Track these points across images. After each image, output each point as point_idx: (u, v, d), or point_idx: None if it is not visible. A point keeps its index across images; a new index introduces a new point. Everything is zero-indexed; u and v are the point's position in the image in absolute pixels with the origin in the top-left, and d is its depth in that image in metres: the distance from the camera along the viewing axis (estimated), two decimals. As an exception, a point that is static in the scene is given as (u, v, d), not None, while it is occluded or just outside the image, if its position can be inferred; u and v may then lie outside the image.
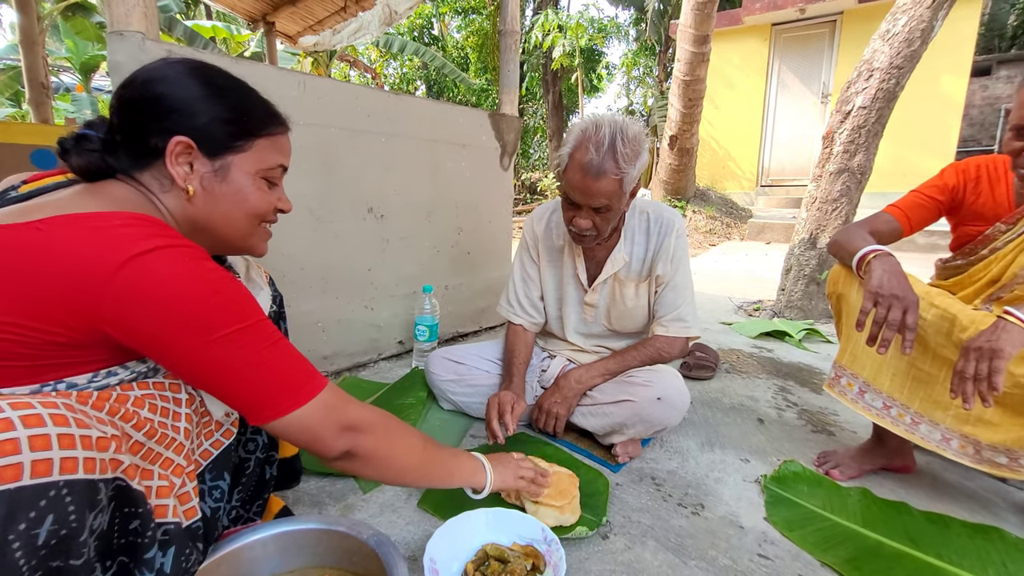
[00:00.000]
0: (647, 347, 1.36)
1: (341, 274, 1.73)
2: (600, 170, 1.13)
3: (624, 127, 1.15)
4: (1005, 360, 0.92)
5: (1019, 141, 1.04)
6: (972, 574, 0.97)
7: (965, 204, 1.26)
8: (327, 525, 0.80)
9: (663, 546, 1.03)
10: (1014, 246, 1.16)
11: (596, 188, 1.15)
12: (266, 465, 0.91)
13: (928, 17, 2.39)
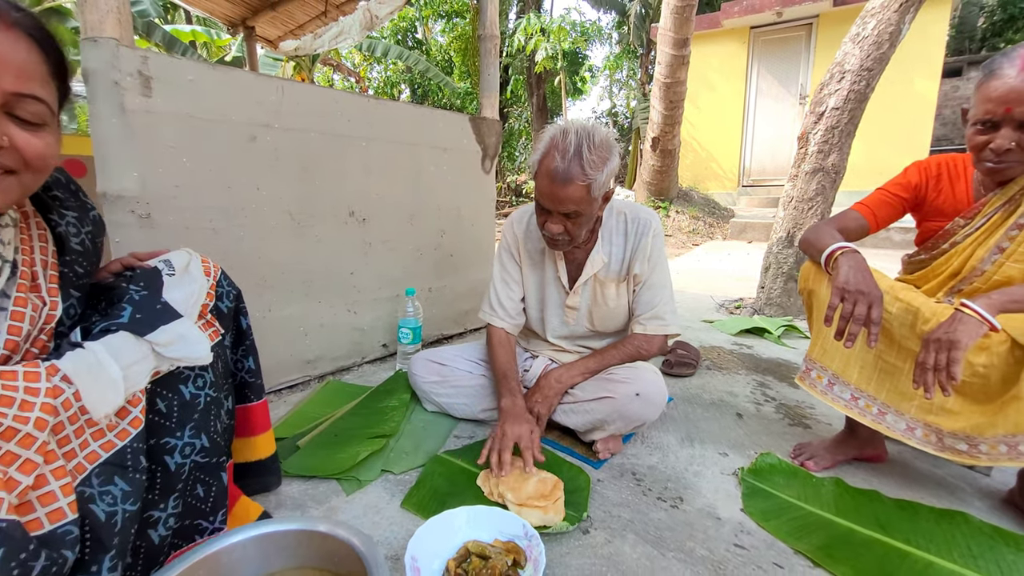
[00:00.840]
0: (626, 345, 1.38)
1: (323, 278, 1.74)
2: (567, 177, 1.15)
3: (591, 134, 1.17)
4: (962, 351, 0.96)
5: (982, 136, 1.08)
6: (938, 557, 1.00)
7: (927, 201, 1.30)
8: (308, 526, 0.80)
9: (642, 539, 1.05)
10: (972, 240, 1.21)
11: (564, 194, 1.17)
12: (218, 471, 0.87)
13: (896, 20, 2.46)
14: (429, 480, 1.23)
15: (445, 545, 0.96)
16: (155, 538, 0.78)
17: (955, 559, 1.00)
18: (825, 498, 1.19)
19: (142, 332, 0.73)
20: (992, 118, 1.04)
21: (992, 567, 0.98)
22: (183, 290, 0.85)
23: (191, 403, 0.82)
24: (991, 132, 1.05)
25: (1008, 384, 1.04)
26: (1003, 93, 1.00)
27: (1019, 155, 1.04)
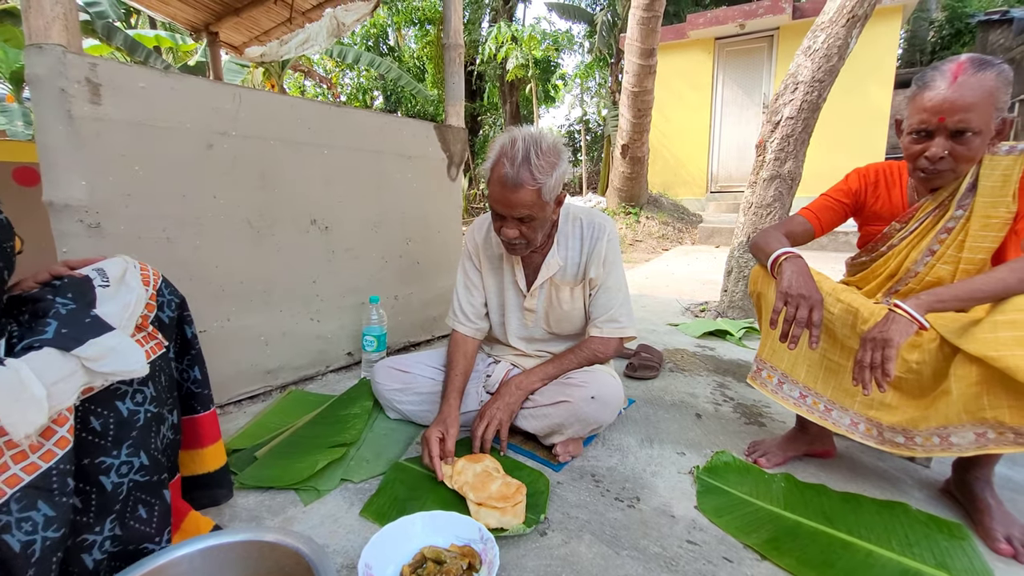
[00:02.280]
0: (583, 349, 1.41)
1: (284, 287, 1.72)
2: (517, 182, 1.19)
3: (539, 140, 1.22)
4: (894, 349, 1.02)
5: (917, 145, 1.13)
6: (877, 546, 1.05)
7: (867, 206, 1.37)
8: (255, 536, 0.80)
9: (598, 539, 1.07)
10: (907, 243, 1.27)
11: (515, 199, 1.20)
12: (160, 489, 0.85)
13: (843, 35, 2.58)
14: (389, 487, 1.22)
15: (401, 551, 0.96)
16: (89, 563, 0.76)
17: (893, 548, 1.04)
18: (775, 493, 1.24)
19: (69, 347, 0.70)
20: (927, 127, 1.09)
21: (927, 554, 1.03)
22: (118, 302, 0.82)
23: (129, 420, 0.80)
24: (926, 141, 1.11)
25: (939, 379, 1.09)
26: (936, 104, 1.05)
27: (951, 163, 1.09)
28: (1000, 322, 0.98)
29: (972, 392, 1.00)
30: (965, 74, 1.03)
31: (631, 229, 6.79)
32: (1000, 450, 0.99)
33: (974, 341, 1.00)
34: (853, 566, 1.00)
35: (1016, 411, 0.95)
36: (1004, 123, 1.07)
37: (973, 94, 1.02)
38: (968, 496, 1.15)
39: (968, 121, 1.03)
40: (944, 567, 0.99)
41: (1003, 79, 1.03)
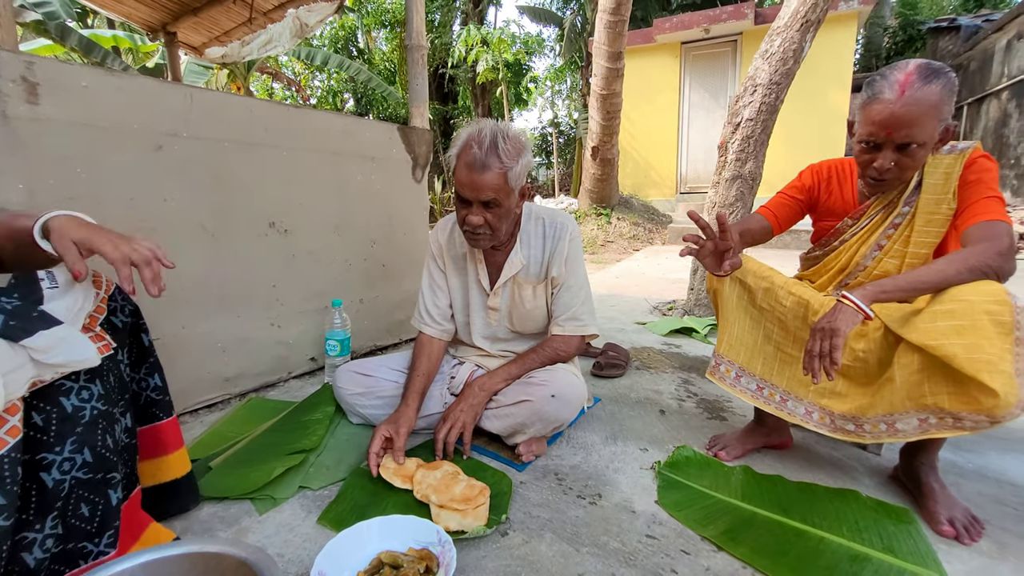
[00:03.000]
0: (545, 348, 1.41)
1: (242, 292, 1.67)
2: (485, 164, 1.20)
3: (504, 128, 1.24)
4: (841, 338, 1.05)
5: (866, 154, 1.17)
6: (829, 533, 1.08)
7: (820, 202, 1.41)
8: (199, 548, 0.77)
9: (559, 537, 1.07)
10: (857, 238, 1.32)
11: (482, 181, 1.21)
12: (105, 488, 0.83)
13: (798, 39, 2.66)
14: (350, 493, 1.20)
15: (356, 557, 0.94)
16: (30, 561, 0.74)
17: (844, 534, 1.07)
18: (734, 485, 1.26)
19: (17, 338, 0.69)
20: (875, 140, 1.13)
21: (875, 538, 1.06)
22: (65, 301, 0.81)
23: (73, 416, 0.78)
24: (874, 152, 1.15)
25: (884, 367, 1.13)
26: (884, 118, 1.09)
27: (897, 172, 1.15)
28: (939, 312, 1.02)
29: (914, 379, 1.04)
30: (912, 87, 1.06)
31: (602, 230, 6.86)
32: (941, 434, 1.03)
33: (915, 330, 1.04)
34: (805, 553, 1.02)
35: (954, 397, 0.99)
36: (947, 131, 1.12)
37: (918, 109, 1.06)
38: (914, 481, 1.19)
39: (913, 136, 1.08)
40: (891, 550, 1.02)
41: (947, 90, 1.07)
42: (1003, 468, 1.34)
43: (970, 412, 0.96)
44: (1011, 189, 7.26)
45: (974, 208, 1.13)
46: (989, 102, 8.04)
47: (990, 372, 0.92)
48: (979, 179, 1.15)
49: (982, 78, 8.29)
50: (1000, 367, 0.93)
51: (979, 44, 8.28)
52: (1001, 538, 1.06)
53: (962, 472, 1.32)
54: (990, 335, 0.94)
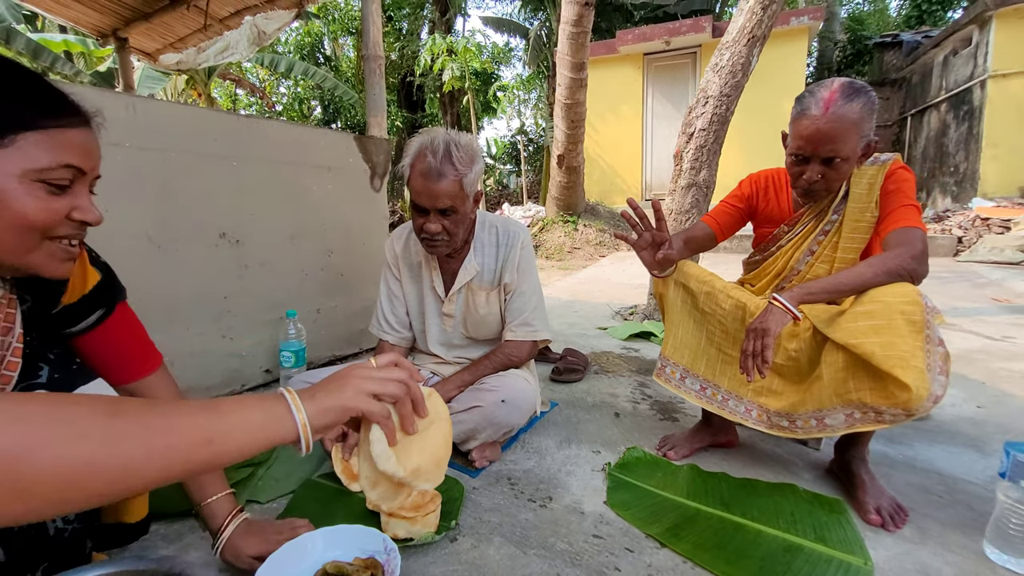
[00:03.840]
0: (497, 354, 1.43)
1: (191, 304, 1.64)
2: (440, 172, 1.23)
3: (456, 137, 1.27)
4: (771, 337, 1.11)
5: (796, 167, 1.25)
6: (766, 525, 1.12)
7: (759, 210, 1.48)
8: (114, 568, 0.75)
9: (508, 540, 1.09)
10: (792, 244, 1.39)
11: (438, 189, 1.23)
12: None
13: (746, 53, 2.78)
14: (299, 506, 1.19)
15: (300, 568, 0.93)
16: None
17: (780, 526, 1.12)
18: (680, 483, 1.30)
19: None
20: (803, 153, 1.21)
21: (808, 529, 1.11)
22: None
23: None
24: (803, 165, 1.23)
25: (813, 366, 1.20)
26: (811, 134, 1.16)
27: (824, 184, 1.23)
28: (859, 312, 1.08)
29: (840, 377, 1.11)
30: (835, 104, 1.13)
31: (569, 237, 6.95)
32: (865, 428, 1.10)
33: (839, 330, 1.10)
34: (743, 545, 1.06)
35: (875, 392, 1.05)
36: (869, 146, 1.20)
37: (841, 125, 1.13)
38: (846, 473, 1.26)
39: (837, 151, 1.16)
40: (822, 540, 1.07)
41: (868, 108, 1.15)
42: (930, 458, 1.42)
43: (889, 406, 1.02)
44: (951, 195, 7.70)
45: (893, 216, 1.21)
46: (930, 113, 8.52)
47: (903, 368, 0.99)
48: (898, 188, 1.24)
49: (923, 91, 8.78)
50: (912, 363, 0.99)
51: (919, 59, 8.78)
52: (923, 524, 1.13)
53: (893, 463, 1.40)
54: (904, 333, 1.01)
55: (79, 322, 0.85)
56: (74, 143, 0.65)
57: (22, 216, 0.61)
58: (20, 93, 0.62)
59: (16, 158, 0.60)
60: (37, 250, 0.65)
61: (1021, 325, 2.89)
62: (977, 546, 1.04)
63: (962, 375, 2.09)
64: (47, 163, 0.62)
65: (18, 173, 0.60)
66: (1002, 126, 6.70)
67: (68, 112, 0.66)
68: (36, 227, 0.63)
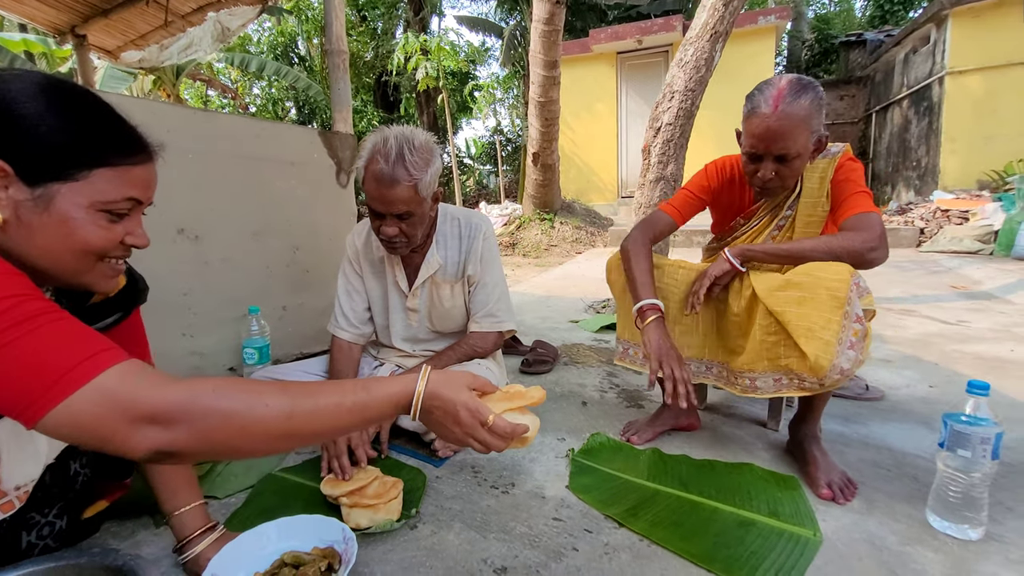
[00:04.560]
0: (462, 345, 1.44)
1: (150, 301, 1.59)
2: (393, 178, 1.20)
3: (411, 137, 1.23)
4: (708, 279, 1.25)
5: (751, 165, 1.27)
6: (722, 503, 1.15)
7: (721, 200, 1.50)
8: (53, 563, 0.73)
9: (468, 526, 1.09)
10: (747, 236, 1.43)
11: (392, 196, 1.21)
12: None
13: (709, 49, 2.83)
14: (258, 499, 1.18)
15: (255, 559, 0.92)
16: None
17: (735, 503, 1.15)
18: (642, 466, 1.32)
19: None
20: (756, 152, 1.23)
21: (763, 505, 1.14)
22: None
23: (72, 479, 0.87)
24: (757, 163, 1.24)
25: (751, 324, 1.24)
26: (762, 132, 1.18)
27: (779, 181, 1.24)
28: (791, 283, 1.14)
29: (771, 341, 1.16)
30: (783, 102, 1.14)
31: (546, 235, 6.98)
32: (791, 393, 1.16)
33: (771, 297, 1.15)
34: (699, 522, 1.09)
35: (800, 360, 1.10)
36: (820, 141, 1.23)
37: (791, 122, 1.14)
38: (800, 451, 1.29)
39: (788, 148, 1.17)
40: (775, 514, 1.10)
41: (816, 104, 1.16)
42: (883, 435, 1.47)
43: (806, 373, 1.08)
44: (914, 188, 7.95)
45: (848, 203, 1.25)
46: (893, 110, 8.79)
47: (807, 337, 1.05)
48: (847, 178, 1.28)
49: (886, 88, 9.05)
50: (819, 334, 1.05)
51: (882, 57, 9.04)
52: (872, 496, 1.17)
53: (848, 441, 1.44)
54: (823, 307, 1.06)
55: (97, 321, 0.86)
56: (139, 178, 0.70)
57: (84, 243, 0.67)
58: (98, 131, 0.67)
59: (87, 192, 0.65)
60: (91, 271, 0.70)
61: (976, 310, 3.00)
62: (920, 515, 1.08)
63: (917, 357, 2.16)
64: (113, 197, 0.67)
65: (87, 204, 0.66)
66: (960, 121, 6.95)
67: (138, 149, 0.70)
68: (94, 251, 0.68)
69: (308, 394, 0.64)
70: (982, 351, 2.22)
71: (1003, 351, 2.21)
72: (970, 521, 1.01)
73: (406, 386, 0.70)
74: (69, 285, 0.72)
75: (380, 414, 0.69)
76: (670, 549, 1.00)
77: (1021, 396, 1.71)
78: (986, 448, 0.97)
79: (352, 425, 0.67)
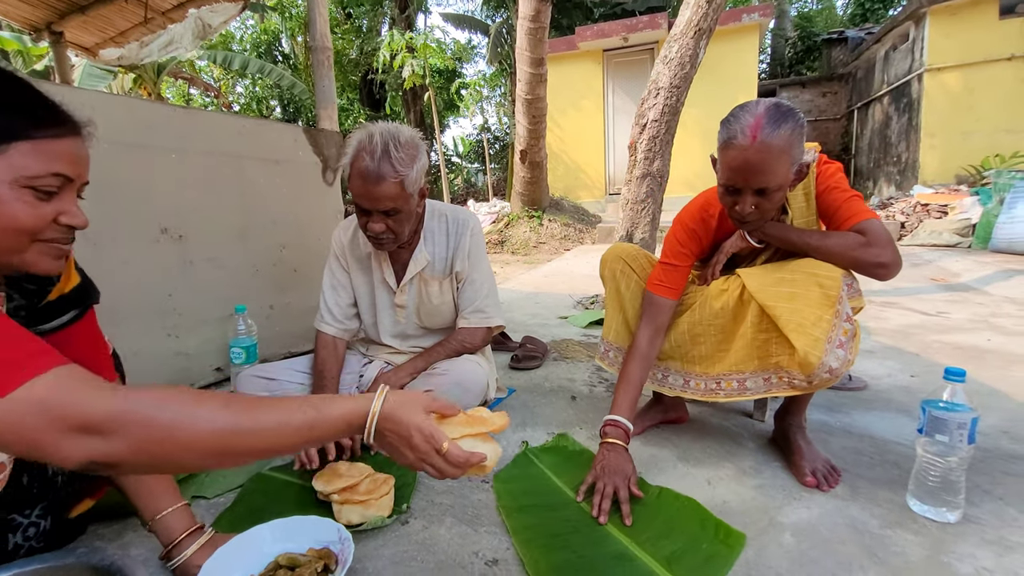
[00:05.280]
0: (451, 341, 1.44)
1: (133, 302, 1.58)
2: (379, 175, 1.19)
3: (396, 133, 1.23)
4: (724, 254, 1.29)
5: (728, 196, 1.15)
6: (617, 530, 1.04)
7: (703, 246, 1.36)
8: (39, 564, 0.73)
9: (459, 520, 1.10)
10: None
11: (378, 192, 1.21)
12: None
13: (693, 46, 2.86)
14: (247, 499, 1.17)
15: (250, 561, 0.91)
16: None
17: (636, 534, 1.02)
18: (578, 474, 1.22)
19: None
20: (734, 186, 1.11)
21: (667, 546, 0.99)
22: None
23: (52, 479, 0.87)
24: (735, 195, 1.13)
25: (738, 323, 1.24)
26: (740, 165, 1.07)
27: (758, 214, 1.14)
28: (784, 278, 1.14)
29: (762, 339, 1.17)
30: (762, 132, 1.04)
31: (535, 232, 7.00)
32: (781, 393, 1.16)
33: (762, 291, 1.15)
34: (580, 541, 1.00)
35: (791, 357, 1.11)
36: (800, 168, 1.11)
37: (770, 155, 1.04)
38: (785, 441, 1.31)
39: (768, 182, 1.07)
40: (669, 561, 0.95)
41: (796, 133, 1.06)
42: (865, 424, 1.50)
43: (796, 370, 1.09)
44: (895, 183, 8.10)
45: (843, 211, 1.16)
46: (874, 106, 8.94)
47: (798, 333, 1.05)
48: (833, 185, 1.20)
49: (867, 85, 9.20)
50: (809, 330, 1.05)
51: (863, 54, 9.19)
52: (855, 483, 1.19)
53: (831, 431, 1.47)
54: (814, 304, 1.07)
55: (52, 320, 0.85)
56: (63, 152, 0.68)
57: (12, 219, 0.65)
58: (14, 104, 0.66)
59: (6, 167, 0.63)
60: (27, 251, 0.68)
61: (955, 302, 3.07)
62: (901, 500, 1.11)
63: (898, 348, 2.21)
64: (36, 171, 0.65)
65: (9, 180, 0.64)
66: (938, 117, 7.09)
67: (59, 122, 0.69)
68: (25, 230, 0.66)
69: (254, 409, 0.62)
70: (961, 341, 2.28)
71: (981, 340, 2.26)
72: (948, 504, 1.04)
73: (360, 405, 0.69)
74: (11, 268, 0.70)
75: (331, 433, 0.68)
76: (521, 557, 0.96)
77: (998, 383, 1.76)
78: (963, 433, 1.00)
79: (300, 443, 0.65)
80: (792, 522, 1.06)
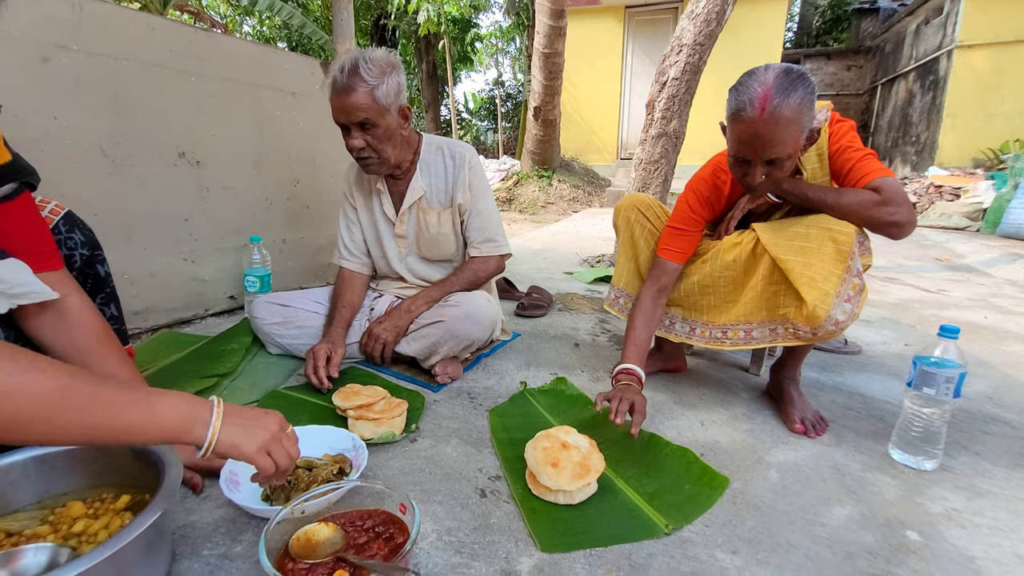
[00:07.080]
0: (464, 271, 1.48)
1: (150, 223, 1.61)
2: (348, 85, 1.24)
3: (368, 54, 1.28)
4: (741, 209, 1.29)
5: (738, 167, 1.14)
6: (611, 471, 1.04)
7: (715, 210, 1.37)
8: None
9: (464, 441, 1.16)
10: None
11: (351, 102, 1.25)
12: None
13: (721, 1, 2.77)
14: (263, 412, 1.23)
15: (267, 461, 0.98)
16: None
17: (622, 469, 1.05)
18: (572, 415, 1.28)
19: None
20: (743, 156, 1.10)
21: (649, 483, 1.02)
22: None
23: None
24: (745, 166, 1.12)
25: (749, 276, 1.27)
26: (749, 137, 1.05)
27: (770, 182, 1.13)
28: (798, 232, 1.16)
29: (772, 291, 1.20)
30: (771, 103, 1.01)
31: (543, 192, 6.94)
32: (786, 343, 1.20)
33: (776, 245, 1.17)
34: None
35: (798, 310, 1.14)
36: (811, 134, 1.09)
37: (779, 128, 1.02)
38: (778, 392, 1.37)
39: (778, 152, 1.05)
40: (650, 496, 0.98)
41: (807, 101, 1.03)
42: (855, 383, 1.56)
43: (802, 323, 1.12)
44: (911, 164, 7.97)
45: (858, 169, 1.15)
46: (899, 83, 8.68)
47: (809, 286, 1.08)
48: (847, 144, 1.18)
49: (895, 60, 8.91)
50: (820, 284, 1.08)
51: (894, 27, 8.85)
52: (841, 432, 1.25)
53: (823, 387, 1.53)
54: (826, 258, 1.09)
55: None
56: None
57: None
58: None
59: None
60: None
61: (956, 281, 3.09)
62: (883, 449, 1.17)
63: (896, 320, 2.25)
64: None
65: None
66: (962, 97, 6.91)
67: None
68: None
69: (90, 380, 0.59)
70: (958, 316, 2.32)
71: (978, 318, 2.30)
72: (927, 454, 1.10)
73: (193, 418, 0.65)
74: None
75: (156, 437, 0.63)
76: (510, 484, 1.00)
77: (988, 356, 1.81)
78: (949, 387, 1.05)
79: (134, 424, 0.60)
80: (778, 461, 1.12)
